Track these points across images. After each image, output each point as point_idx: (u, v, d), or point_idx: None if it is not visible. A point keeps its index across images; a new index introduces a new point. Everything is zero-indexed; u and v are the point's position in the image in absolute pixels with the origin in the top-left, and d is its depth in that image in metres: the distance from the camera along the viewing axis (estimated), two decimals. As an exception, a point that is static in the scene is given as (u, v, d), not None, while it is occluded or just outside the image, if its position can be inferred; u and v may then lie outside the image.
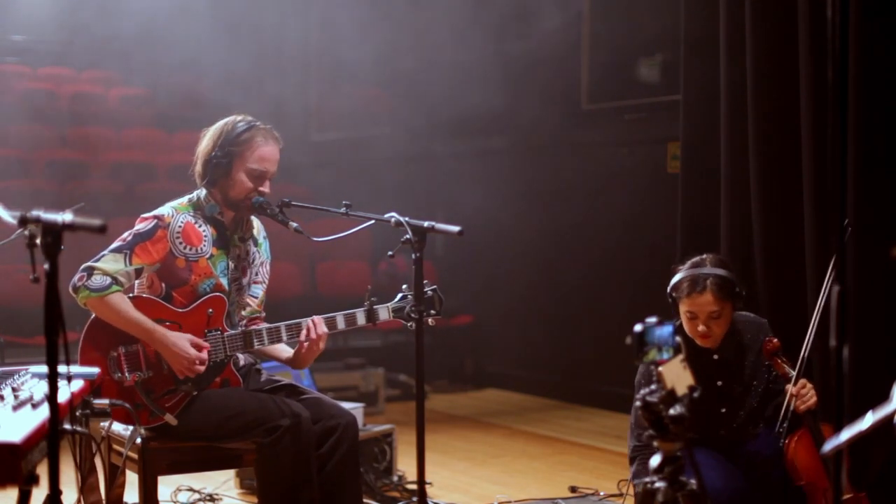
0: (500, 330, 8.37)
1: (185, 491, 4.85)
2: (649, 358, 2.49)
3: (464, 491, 5.21)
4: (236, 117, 3.83)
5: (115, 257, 3.63)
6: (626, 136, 7.48)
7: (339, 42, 9.72)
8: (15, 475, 2.26)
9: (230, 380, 3.76)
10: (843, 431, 2.37)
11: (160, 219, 3.71)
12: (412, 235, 3.52)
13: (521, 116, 8.09)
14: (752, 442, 3.92)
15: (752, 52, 4.78)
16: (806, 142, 4.52)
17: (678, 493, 2.45)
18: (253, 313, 3.94)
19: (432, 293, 3.79)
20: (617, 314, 7.14)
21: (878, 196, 4.31)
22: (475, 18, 7.71)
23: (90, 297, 3.58)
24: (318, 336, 3.75)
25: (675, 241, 5.34)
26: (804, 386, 3.74)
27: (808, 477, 3.78)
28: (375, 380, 7.21)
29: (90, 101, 10.12)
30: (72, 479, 3.28)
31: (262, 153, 3.76)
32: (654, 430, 2.45)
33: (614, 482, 5.07)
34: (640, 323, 2.49)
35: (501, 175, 8.17)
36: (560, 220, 7.86)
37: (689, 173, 5.28)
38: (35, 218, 2.29)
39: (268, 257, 4.00)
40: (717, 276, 3.73)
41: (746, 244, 4.87)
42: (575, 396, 7.57)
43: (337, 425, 3.73)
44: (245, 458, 3.84)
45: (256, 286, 3.95)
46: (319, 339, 3.76)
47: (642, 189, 7.27)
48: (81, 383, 2.97)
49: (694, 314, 3.76)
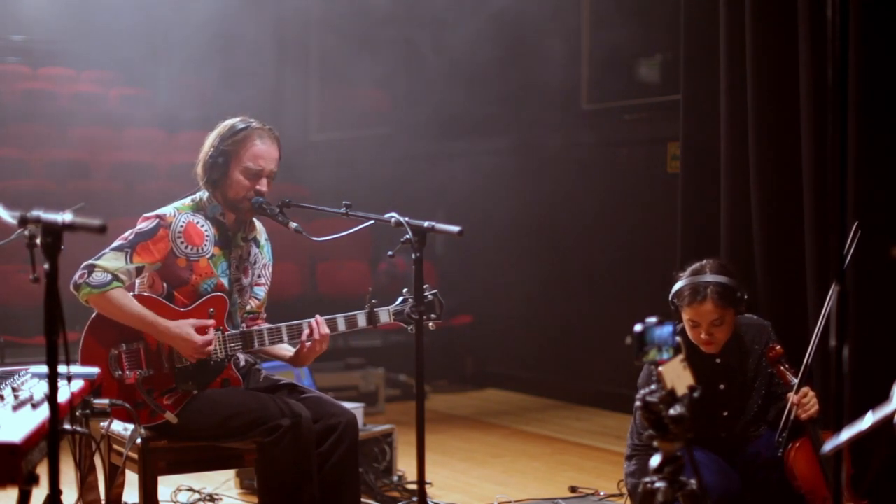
0: (500, 330, 8.37)
1: (185, 491, 4.85)
2: (649, 358, 2.49)
3: (464, 491, 5.21)
4: (236, 119, 3.84)
5: (116, 255, 3.64)
6: (626, 136, 7.48)
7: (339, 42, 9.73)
8: (15, 475, 2.26)
9: (230, 379, 3.76)
10: (843, 431, 2.37)
11: (162, 218, 3.72)
12: (412, 235, 3.52)
13: (521, 116, 8.09)
14: (753, 444, 3.91)
15: (751, 53, 4.78)
16: (806, 142, 4.52)
17: (678, 493, 2.46)
18: (252, 312, 3.95)
19: (433, 297, 3.79)
20: (617, 314, 7.14)
21: (878, 196, 4.31)
22: (475, 18, 7.70)
23: (91, 293, 3.59)
24: (322, 336, 3.75)
25: (675, 241, 5.34)
26: (805, 395, 3.73)
27: (809, 485, 3.77)
28: (375, 380, 7.21)
29: (90, 101, 10.11)
30: (72, 479, 3.28)
31: (258, 151, 3.76)
32: (654, 430, 2.45)
33: (614, 482, 5.06)
34: (640, 323, 2.49)
35: (501, 175, 8.16)
36: (560, 221, 7.86)
37: (689, 173, 5.28)
38: (35, 218, 2.29)
39: (270, 260, 4.01)
40: (717, 284, 3.73)
41: (746, 245, 4.87)
42: (575, 396, 7.57)
43: (337, 424, 3.74)
44: (245, 457, 3.84)
45: (259, 288, 3.96)
46: (322, 340, 3.76)
47: (642, 189, 7.27)
48: (81, 383, 2.97)
49: (696, 322, 3.76)
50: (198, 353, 3.66)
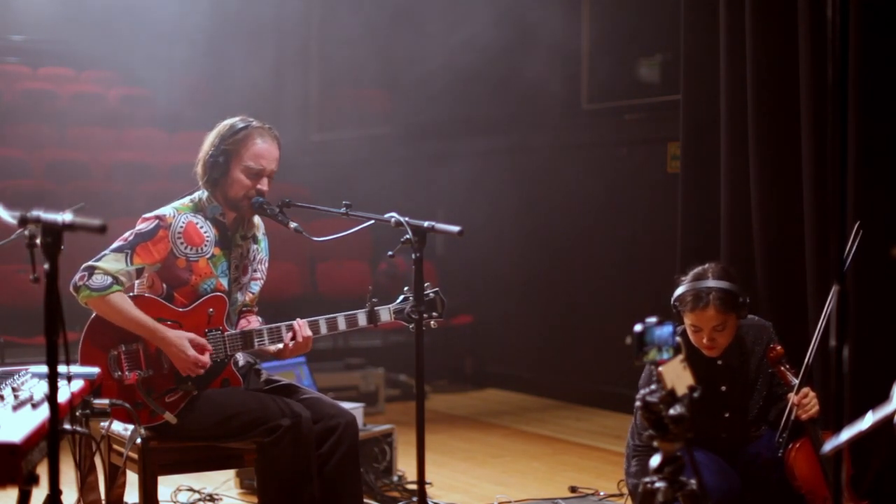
0: (500, 330, 8.37)
1: (185, 491, 4.85)
2: (649, 358, 2.49)
3: (464, 491, 5.21)
4: (235, 118, 3.84)
5: (116, 257, 3.63)
6: (626, 136, 7.48)
7: (339, 42, 9.73)
8: (15, 475, 2.26)
9: (230, 379, 3.76)
10: (843, 431, 2.37)
11: (162, 219, 3.71)
12: (412, 235, 3.52)
13: (521, 116, 8.09)
14: (754, 444, 3.91)
15: (752, 53, 4.78)
16: (806, 142, 4.52)
17: (678, 493, 2.46)
18: (244, 306, 3.94)
19: (434, 295, 3.80)
20: (617, 314, 7.15)
21: (878, 196, 4.31)
22: (475, 18, 7.70)
23: (91, 296, 3.58)
24: (304, 339, 3.76)
25: (675, 241, 5.34)
26: (806, 395, 3.73)
27: (809, 486, 3.77)
28: (375, 380, 7.21)
29: (90, 101, 10.12)
30: (72, 479, 3.28)
31: (258, 150, 3.76)
32: (654, 430, 2.45)
33: (614, 482, 5.06)
34: (640, 323, 2.49)
35: (501, 175, 8.17)
36: (560, 221, 7.86)
37: (689, 173, 5.28)
38: (35, 218, 2.29)
39: (266, 255, 4.01)
40: (720, 290, 3.72)
41: (746, 245, 4.87)
42: (575, 396, 7.57)
43: (337, 425, 3.74)
44: (245, 458, 3.84)
45: (254, 282, 3.96)
46: (305, 343, 3.77)
47: (642, 189, 7.27)
48: (81, 383, 2.97)
49: (698, 327, 3.76)
50: (188, 369, 3.65)
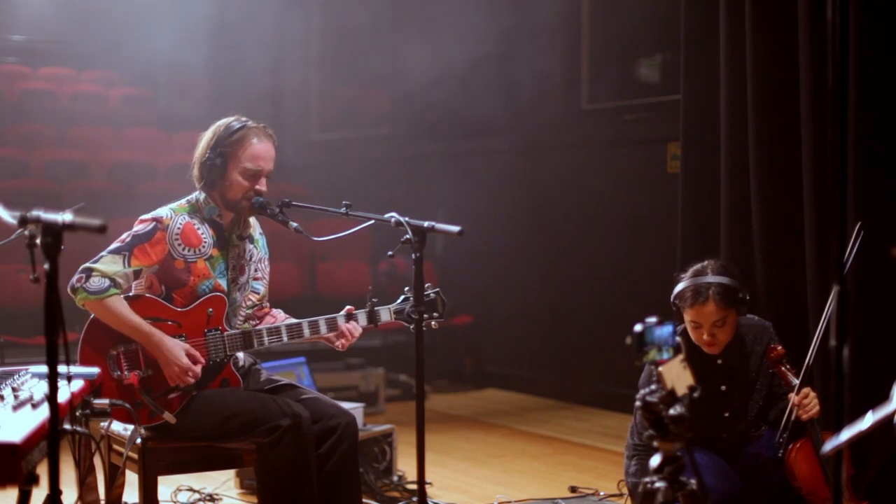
0: (500, 330, 8.37)
1: (185, 491, 4.85)
2: (649, 358, 2.49)
3: (464, 491, 5.21)
4: (230, 118, 3.82)
5: (113, 259, 3.62)
6: (626, 136, 7.48)
7: (339, 42, 9.72)
8: (15, 475, 2.26)
9: (230, 379, 3.76)
10: (843, 431, 2.37)
11: (159, 220, 3.71)
12: (412, 235, 3.52)
13: (521, 116, 8.09)
14: (754, 444, 3.91)
15: (751, 53, 4.78)
16: (806, 142, 4.52)
17: (678, 493, 2.45)
18: (254, 306, 3.94)
19: (435, 296, 3.80)
20: (617, 314, 7.14)
21: (879, 196, 4.31)
22: (475, 18, 7.70)
23: (88, 299, 3.58)
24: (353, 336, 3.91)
25: (675, 241, 5.34)
26: (806, 395, 3.73)
27: (810, 486, 3.77)
28: (375, 380, 7.20)
29: (90, 101, 10.12)
30: (72, 479, 3.28)
31: (256, 151, 3.76)
32: (654, 430, 2.45)
33: (614, 482, 5.06)
34: (640, 323, 2.49)
35: (501, 175, 8.16)
36: (560, 220, 7.86)
37: (689, 173, 5.28)
38: (35, 218, 2.29)
39: (266, 253, 4.00)
40: (719, 285, 3.72)
41: (747, 245, 4.87)
42: (575, 396, 7.57)
43: (337, 425, 3.74)
44: (245, 458, 3.84)
45: (257, 282, 3.95)
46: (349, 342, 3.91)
47: (642, 189, 7.27)
48: (81, 383, 2.97)
49: (698, 323, 3.76)
50: (177, 378, 3.64)
